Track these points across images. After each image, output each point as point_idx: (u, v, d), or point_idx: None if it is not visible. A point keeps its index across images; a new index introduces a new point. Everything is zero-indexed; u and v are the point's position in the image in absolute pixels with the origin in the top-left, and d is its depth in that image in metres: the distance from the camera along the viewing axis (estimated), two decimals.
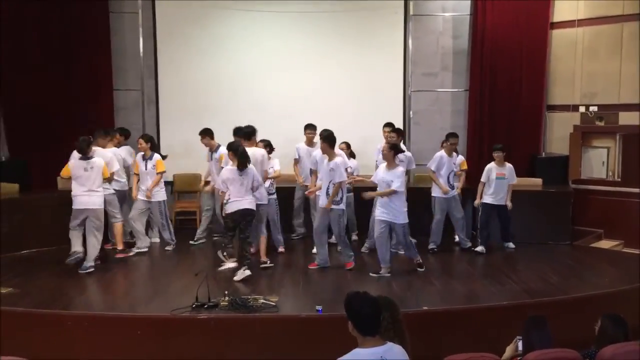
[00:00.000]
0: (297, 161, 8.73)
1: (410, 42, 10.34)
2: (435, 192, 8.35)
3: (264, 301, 6.09)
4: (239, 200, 7.05)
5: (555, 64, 10.09)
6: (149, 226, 8.56)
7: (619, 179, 9.40)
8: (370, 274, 7.22)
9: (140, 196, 8.16)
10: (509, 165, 8.39)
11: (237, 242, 7.19)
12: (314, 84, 10.27)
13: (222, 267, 7.29)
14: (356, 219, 8.88)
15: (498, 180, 8.30)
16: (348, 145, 8.62)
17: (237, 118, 9.51)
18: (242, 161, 7.03)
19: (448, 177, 8.31)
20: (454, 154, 8.46)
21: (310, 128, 8.67)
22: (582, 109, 9.78)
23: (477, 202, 8.48)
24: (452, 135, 8.45)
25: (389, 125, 8.55)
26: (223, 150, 7.96)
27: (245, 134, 7.73)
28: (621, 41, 9.35)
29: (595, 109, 9.63)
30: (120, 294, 6.85)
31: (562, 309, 6.01)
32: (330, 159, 7.30)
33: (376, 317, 3.35)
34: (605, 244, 9.12)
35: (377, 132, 8.60)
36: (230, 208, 7.09)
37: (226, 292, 6.13)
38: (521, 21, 10.02)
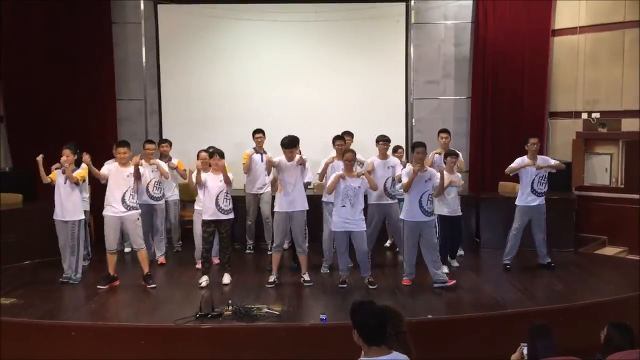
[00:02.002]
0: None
1: (412, 50, 10.36)
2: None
3: (267, 310, 6.09)
4: None
5: (557, 71, 10.09)
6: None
7: (622, 186, 9.38)
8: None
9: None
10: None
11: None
12: (316, 92, 10.29)
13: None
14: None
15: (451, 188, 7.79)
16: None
17: (239, 127, 9.60)
18: None
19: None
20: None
21: (340, 139, 8.09)
22: (584, 116, 9.78)
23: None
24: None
25: (444, 131, 8.63)
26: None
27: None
28: (623, 48, 9.36)
29: (597, 115, 9.62)
30: (124, 304, 6.84)
31: (567, 316, 5.98)
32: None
33: (382, 326, 3.34)
34: (610, 250, 9.10)
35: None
36: None
37: (230, 302, 6.12)
38: (523, 28, 10.04)
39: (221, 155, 7.27)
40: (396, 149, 8.72)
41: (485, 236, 9.24)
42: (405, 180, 7.09)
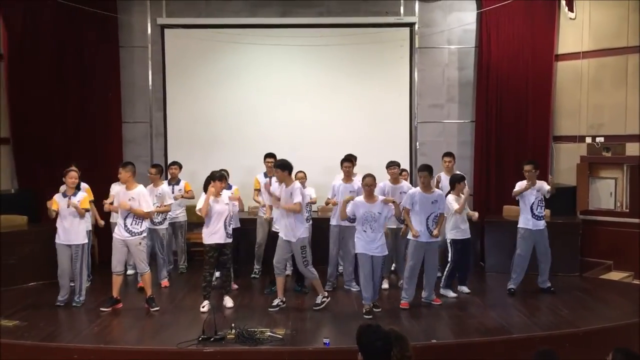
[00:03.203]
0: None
1: (416, 74, 10.44)
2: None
3: (270, 334, 6.06)
4: None
5: (560, 96, 10.14)
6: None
7: (627, 210, 9.35)
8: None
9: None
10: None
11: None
12: (321, 115, 10.36)
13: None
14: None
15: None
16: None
17: (244, 150, 9.66)
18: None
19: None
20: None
21: (347, 161, 8.23)
22: (588, 140, 9.79)
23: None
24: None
25: (448, 154, 8.78)
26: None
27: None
28: (626, 72, 9.40)
29: (601, 139, 9.63)
30: (127, 326, 6.81)
31: (573, 342, 5.93)
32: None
33: (387, 350, 3.33)
34: (615, 275, 9.04)
35: (384, 163, 8.58)
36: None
37: (233, 325, 6.10)
38: (526, 53, 10.11)
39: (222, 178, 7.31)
40: (400, 172, 8.74)
41: (490, 260, 9.21)
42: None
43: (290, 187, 7.10)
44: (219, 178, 7.16)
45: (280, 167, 7.11)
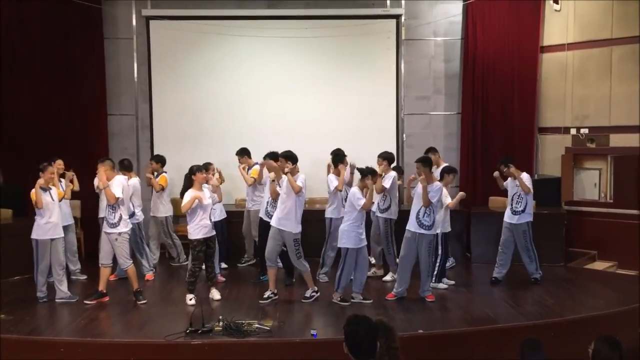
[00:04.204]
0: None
1: (402, 66, 10.45)
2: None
3: (258, 326, 6.07)
4: None
5: (546, 87, 10.20)
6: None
7: (611, 201, 9.45)
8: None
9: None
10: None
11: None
12: (308, 107, 10.35)
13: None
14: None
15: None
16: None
17: (231, 142, 9.60)
18: None
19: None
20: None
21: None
22: (573, 131, 9.87)
23: None
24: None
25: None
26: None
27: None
28: (610, 64, 9.48)
29: (586, 131, 9.72)
30: (114, 320, 6.79)
31: (558, 331, 5.99)
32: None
33: (370, 341, 3.34)
34: (599, 265, 9.14)
35: (371, 155, 8.60)
36: None
37: (220, 317, 6.10)
38: (511, 45, 10.15)
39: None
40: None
41: (476, 251, 9.28)
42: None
43: (295, 176, 7.20)
44: (199, 169, 7.17)
45: (287, 158, 7.22)
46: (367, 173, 7.17)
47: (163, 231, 9.01)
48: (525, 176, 7.96)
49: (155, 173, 8.92)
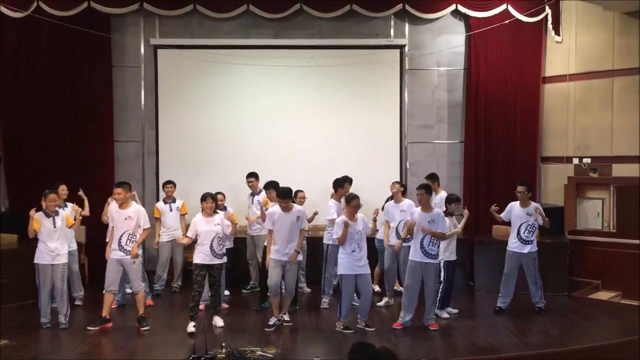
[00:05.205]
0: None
1: (406, 95, 10.57)
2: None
3: (261, 353, 6.06)
4: None
5: (548, 117, 10.29)
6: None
7: (614, 230, 9.45)
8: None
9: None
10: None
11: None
12: (312, 135, 10.44)
13: None
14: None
15: None
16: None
17: (236, 169, 9.69)
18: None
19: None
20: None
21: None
22: (575, 161, 9.93)
23: None
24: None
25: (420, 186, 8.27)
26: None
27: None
28: (612, 95, 9.57)
29: (588, 160, 9.78)
30: (117, 346, 6.78)
31: None
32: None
33: None
34: (603, 295, 9.10)
35: (375, 183, 8.67)
36: None
37: (223, 344, 6.10)
38: (514, 76, 10.28)
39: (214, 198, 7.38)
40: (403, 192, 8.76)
41: (479, 279, 9.27)
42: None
43: (296, 210, 7.26)
44: (203, 198, 7.23)
45: (282, 196, 7.22)
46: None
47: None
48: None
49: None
